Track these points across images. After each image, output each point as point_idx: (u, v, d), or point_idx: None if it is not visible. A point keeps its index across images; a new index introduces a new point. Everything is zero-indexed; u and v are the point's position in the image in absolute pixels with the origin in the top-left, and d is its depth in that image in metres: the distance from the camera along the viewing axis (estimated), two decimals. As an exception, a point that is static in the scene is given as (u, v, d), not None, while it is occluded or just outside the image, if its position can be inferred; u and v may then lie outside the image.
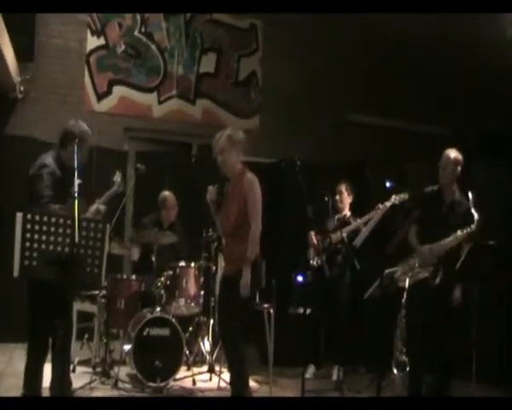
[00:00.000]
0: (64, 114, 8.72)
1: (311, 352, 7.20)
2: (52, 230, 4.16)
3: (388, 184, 6.37)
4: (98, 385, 6.14)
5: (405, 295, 5.58)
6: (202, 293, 6.85)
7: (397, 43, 9.82)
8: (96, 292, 6.79)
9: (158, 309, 6.42)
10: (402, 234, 5.85)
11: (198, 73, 9.83)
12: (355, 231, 6.89)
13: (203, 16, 9.78)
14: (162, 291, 6.59)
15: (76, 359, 6.65)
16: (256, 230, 5.29)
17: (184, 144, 9.96)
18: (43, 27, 8.89)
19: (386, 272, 5.64)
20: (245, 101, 10.10)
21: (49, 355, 5.10)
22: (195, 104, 9.82)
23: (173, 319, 6.31)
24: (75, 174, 4.44)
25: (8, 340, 7.62)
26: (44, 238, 4.14)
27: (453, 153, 5.72)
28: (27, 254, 4.11)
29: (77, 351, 6.90)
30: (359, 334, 7.56)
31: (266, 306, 6.36)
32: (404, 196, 6.48)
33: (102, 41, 9.29)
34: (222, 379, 6.43)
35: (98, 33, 9.26)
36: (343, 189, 7.29)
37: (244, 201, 5.32)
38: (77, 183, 4.40)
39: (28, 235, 4.10)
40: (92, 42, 9.25)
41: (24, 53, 8.34)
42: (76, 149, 4.69)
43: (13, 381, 5.27)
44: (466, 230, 5.45)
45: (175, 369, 6.20)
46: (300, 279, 7.47)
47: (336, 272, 7.01)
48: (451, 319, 5.60)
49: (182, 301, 6.69)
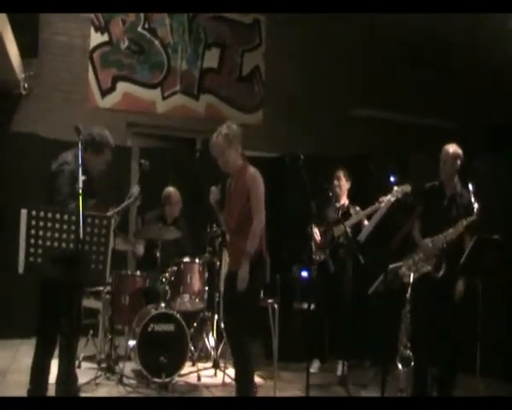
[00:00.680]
0: (68, 111, 8.79)
1: (316, 347, 7.20)
2: (57, 226, 4.15)
3: (392, 179, 6.38)
4: (103, 381, 6.16)
5: (410, 290, 5.58)
6: (207, 289, 6.87)
7: (398, 36, 9.79)
8: (101, 288, 6.80)
9: (162, 305, 6.42)
10: (406, 229, 5.85)
11: (201, 69, 9.84)
12: (357, 224, 6.87)
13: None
14: (167, 287, 6.60)
15: (81, 355, 6.67)
16: (258, 224, 5.24)
17: (188, 140, 9.97)
18: (46, 24, 8.90)
19: (390, 267, 5.64)
20: (248, 96, 10.10)
21: (56, 351, 5.13)
22: (199, 100, 9.82)
23: (178, 315, 6.32)
24: (80, 171, 4.44)
25: (13, 336, 7.64)
26: (49, 235, 4.13)
27: (452, 147, 5.74)
28: (32, 250, 4.11)
29: (82, 347, 6.92)
30: (364, 328, 7.57)
31: (271, 301, 6.37)
32: (407, 188, 6.42)
33: (106, 37, 9.30)
34: (227, 375, 6.45)
35: (102, 30, 9.27)
36: (341, 175, 7.23)
37: (247, 196, 5.27)
38: (81, 179, 4.40)
39: (33, 231, 4.10)
40: (96, 38, 9.26)
41: (28, 50, 8.35)
42: (81, 147, 4.68)
43: (18, 377, 5.29)
44: (466, 220, 5.46)
45: (180, 365, 6.21)
46: (305, 274, 7.48)
47: (339, 267, 7.01)
48: (455, 313, 5.61)
49: (186, 296, 6.69)
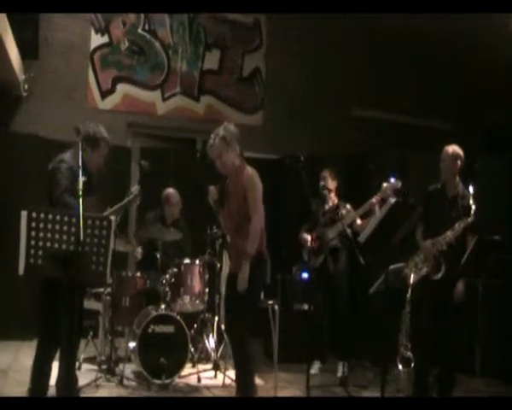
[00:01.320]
0: (68, 112, 8.79)
1: (316, 348, 7.20)
2: (57, 228, 4.15)
3: (392, 179, 6.37)
4: (103, 382, 6.16)
5: (410, 291, 5.58)
6: (207, 290, 6.86)
7: (399, 37, 9.78)
8: (101, 290, 6.80)
9: (163, 306, 6.43)
10: (407, 228, 5.85)
11: (202, 70, 9.84)
12: (350, 224, 6.83)
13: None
14: (167, 288, 6.60)
15: (81, 356, 6.67)
16: (257, 224, 5.22)
17: (188, 141, 9.97)
18: (46, 25, 8.91)
19: (391, 268, 5.64)
20: (249, 97, 10.10)
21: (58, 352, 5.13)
22: (199, 101, 9.83)
23: (178, 317, 6.33)
24: (80, 172, 4.44)
25: (14, 337, 7.64)
26: (49, 236, 4.13)
27: (451, 148, 5.75)
28: (32, 252, 4.11)
29: (82, 348, 6.92)
30: (364, 329, 7.58)
31: (271, 302, 6.36)
32: (396, 185, 6.38)
33: (106, 39, 9.31)
34: (227, 376, 6.45)
35: (102, 31, 9.28)
36: (327, 175, 7.17)
37: (244, 195, 5.25)
38: (81, 180, 4.40)
39: (33, 233, 4.10)
40: (96, 40, 9.27)
41: (28, 50, 8.37)
42: (81, 147, 4.69)
43: (19, 378, 5.29)
44: (463, 222, 5.46)
45: (180, 366, 6.21)
46: (305, 276, 7.47)
47: (338, 268, 7.01)
48: (455, 315, 5.61)
49: (187, 298, 6.68)
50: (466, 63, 9.74)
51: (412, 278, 5.60)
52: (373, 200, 6.55)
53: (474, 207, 5.43)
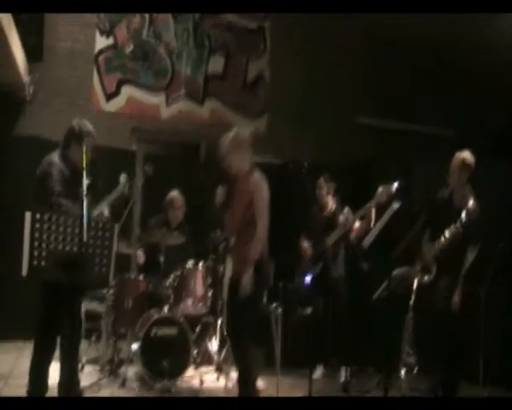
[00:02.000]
0: (72, 115, 8.67)
1: (319, 353, 7.19)
2: (61, 229, 4.18)
3: (395, 185, 6.36)
4: (106, 384, 6.17)
5: (413, 296, 5.58)
6: (210, 294, 6.86)
7: (405, 44, 9.80)
8: (104, 292, 6.81)
9: (165, 309, 6.43)
10: (409, 238, 5.84)
11: (206, 75, 9.85)
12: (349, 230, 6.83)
13: (211, 17, 9.79)
14: (170, 291, 6.60)
15: (84, 358, 6.67)
16: (262, 229, 5.26)
17: (192, 145, 9.97)
18: (51, 28, 8.92)
19: (394, 273, 5.64)
20: (253, 102, 10.11)
21: (58, 354, 5.13)
22: (203, 105, 9.83)
23: (181, 319, 6.33)
24: (84, 174, 4.45)
25: (16, 338, 7.63)
26: (53, 238, 4.16)
27: (461, 156, 5.71)
28: (36, 253, 4.14)
29: (84, 350, 6.93)
30: (367, 335, 7.56)
31: (273, 307, 6.36)
32: (391, 190, 6.33)
33: (111, 41, 9.32)
34: (229, 379, 6.44)
35: (107, 33, 9.29)
36: (322, 182, 7.19)
37: (250, 200, 5.29)
38: (86, 183, 4.41)
39: (37, 234, 4.13)
40: (101, 42, 9.28)
41: (33, 53, 8.38)
42: (84, 149, 4.70)
43: (20, 380, 5.28)
44: (453, 229, 5.42)
45: (182, 369, 6.21)
46: (308, 280, 7.47)
47: (338, 273, 7.02)
48: (455, 321, 5.58)
49: (189, 301, 6.69)
50: (466, 65, 9.71)
51: (415, 284, 5.60)
52: (368, 205, 6.54)
53: (464, 215, 5.38)
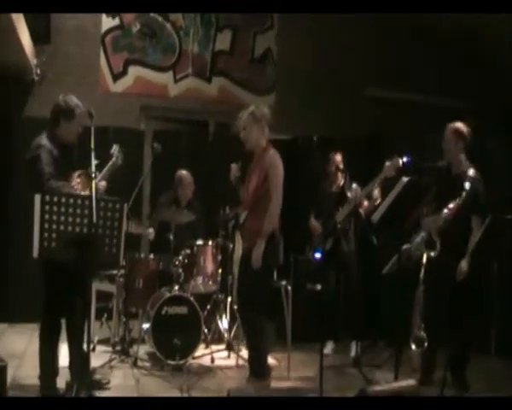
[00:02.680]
0: (80, 96, 8.70)
1: (329, 328, 7.21)
2: (70, 211, 4.21)
3: (405, 159, 6.33)
4: (118, 364, 6.23)
5: (423, 270, 5.57)
6: (220, 271, 6.90)
7: (417, 16, 9.66)
8: (115, 271, 6.84)
9: (176, 288, 6.46)
10: (420, 211, 5.83)
11: (213, 51, 9.81)
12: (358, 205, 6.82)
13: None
14: (180, 270, 6.62)
15: (95, 338, 6.73)
16: (276, 205, 5.37)
17: (201, 122, 9.96)
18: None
19: (403, 248, 5.63)
20: (261, 78, 10.06)
21: (66, 336, 5.20)
22: (211, 82, 9.80)
23: (191, 298, 6.36)
24: (92, 155, 4.46)
25: (30, 321, 7.68)
26: (63, 219, 4.19)
27: (453, 126, 5.72)
28: (46, 235, 4.17)
29: (96, 330, 6.99)
30: (377, 309, 7.58)
31: (284, 282, 6.38)
32: (397, 163, 6.26)
33: (117, 21, 9.28)
34: (240, 357, 6.48)
35: (113, 14, 9.26)
36: (332, 157, 7.21)
37: (264, 176, 5.41)
38: (94, 163, 4.43)
39: (47, 216, 4.16)
40: (107, 22, 9.24)
41: (40, 36, 8.37)
42: (92, 130, 4.69)
43: (34, 359, 5.32)
44: (456, 201, 5.39)
45: (193, 347, 6.26)
46: (318, 256, 7.48)
47: (349, 249, 7.03)
48: (466, 293, 5.57)
49: (200, 279, 6.73)
50: (486, 43, 9.59)
51: (425, 257, 5.59)
52: (376, 179, 6.52)
53: (467, 187, 5.35)
